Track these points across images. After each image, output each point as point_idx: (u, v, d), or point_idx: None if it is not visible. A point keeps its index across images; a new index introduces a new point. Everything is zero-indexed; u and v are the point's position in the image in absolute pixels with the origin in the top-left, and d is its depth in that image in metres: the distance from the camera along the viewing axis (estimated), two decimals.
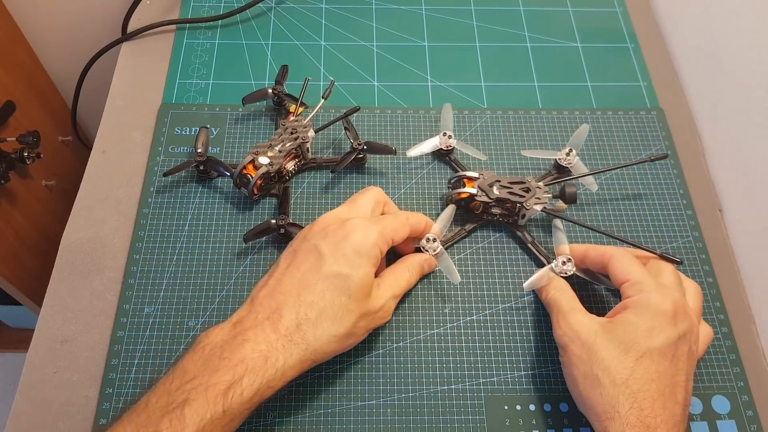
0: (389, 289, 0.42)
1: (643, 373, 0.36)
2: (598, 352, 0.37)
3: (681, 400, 0.36)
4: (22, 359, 0.43)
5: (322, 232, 0.40)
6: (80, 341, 0.44)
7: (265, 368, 0.35)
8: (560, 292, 0.43)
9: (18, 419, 0.41)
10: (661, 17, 0.65)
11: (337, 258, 0.39)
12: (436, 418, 0.42)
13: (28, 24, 0.77)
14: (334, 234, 0.40)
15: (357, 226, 0.40)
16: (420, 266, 0.45)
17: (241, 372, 0.34)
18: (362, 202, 0.43)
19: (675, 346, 0.37)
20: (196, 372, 0.34)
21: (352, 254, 0.39)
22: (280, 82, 0.55)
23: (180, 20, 0.62)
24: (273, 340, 0.36)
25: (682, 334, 0.38)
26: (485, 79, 0.60)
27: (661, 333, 0.37)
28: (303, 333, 0.36)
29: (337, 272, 0.38)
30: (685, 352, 0.38)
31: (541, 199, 0.47)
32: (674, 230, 0.51)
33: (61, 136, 0.88)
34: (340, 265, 0.38)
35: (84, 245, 0.48)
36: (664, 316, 0.38)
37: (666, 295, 0.39)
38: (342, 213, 0.42)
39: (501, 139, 0.55)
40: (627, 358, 0.36)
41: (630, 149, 0.55)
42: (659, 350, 0.37)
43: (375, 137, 0.55)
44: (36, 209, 0.82)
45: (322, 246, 0.39)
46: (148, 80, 0.58)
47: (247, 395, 0.34)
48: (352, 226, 0.40)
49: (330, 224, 0.41)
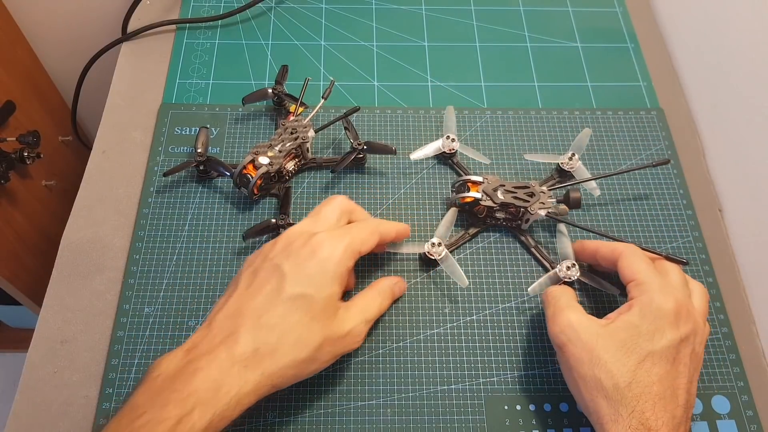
0: (360, 313, 0.40)
1: (645, 376, 0.36)
2: (600, 354, 0.37)
3: (682, 402, 0.36)
4: (22, 359, 0.43)
5: (285, 250, 0.39)
6: (80, 341, 0.44)
7: (217, 399, 0.33)
8: (559, 288, 0.43)
9: (18, 419, 0.41)
10: (661, 17, 0.65)
11: (300, 279, 0.37)
12: (436, 418, 0.42)
13: (28, 24, 0.77)
14: (298, 253, 0.38)
15: (322, 243, 0.38)
16: (390, 290, 0.44)
17: (191, 405, 0.32)
18: (327, 213, 0.42)
19: (677, 348, 0.37)
20: (146, 407, 0.32)
21: (317, 274, 0.38)
22: (280, 82, 0.55)
23: (180, 20, 0.62)
24: (227, 367, 0.34)
25: (685, 336, 0.37)
26: (485, 79, 0.60)
27: (663, 335, 0.37)
28: (260, 359, 0.35)
29: (300, 293, 0.37)
30: (687, 354, 0.37)
31: (546, 204, 0.47)
32: (674, 230, 0.51)
33: (61, 136, 0.88)
34: (304, 286, 0.37)
35: (84, 245, 0.48)
36: (667, 318, 0.37)
37: (669, 295, 0.38)
38: (306, 227, 0.41)
39: (501, 140, 0.55)
40: (629, 361, 0.36)
41: (630, 149, 0.55)
42: (661, 353, 0.36)
43: (375, 137, 0.55)
44: (36, 209, 0.82)
45: (284, 266, 0.38)
46: (148, 80, 0.58)
47: (198, 428, 0.32)
48: (318, 243, 0.38)
49: (294, 241, 0.39)
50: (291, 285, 0.37)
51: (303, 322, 0.36)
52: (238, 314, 0.36)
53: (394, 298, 0.45)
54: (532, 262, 0.49)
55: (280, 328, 0.36)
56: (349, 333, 0.39)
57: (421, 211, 0.51)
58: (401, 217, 0.50)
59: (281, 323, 0.36)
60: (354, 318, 0.40)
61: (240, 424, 0.41)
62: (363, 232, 0.41)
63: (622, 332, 0.37)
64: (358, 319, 0.40)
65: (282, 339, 0.36)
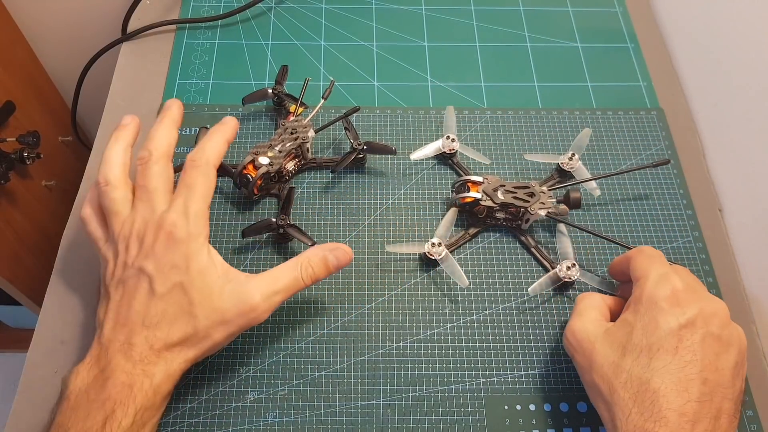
0: (256, 286, 0.38)
1: (641, 372, 0.34)
2: (596, 359, 0.37)
3: (695, 395, 0.33)
4: (22, 359, 0.43)
5: (141, 252, 0.38)
6: (80, 341, 0.44)
7: (132, 396, 0.35)
8: (583, 295, 0.42)
9: (18, 419, 0.41)
10: (661, 17, 0.65)
11: (166, 273, 0.37)
12: (436, 418, 0.42)
13: (28, 24, 0.77)
14: (153, 249, 0.38)
15: (172, 229, 0.38)
16: (321, 259, 0.40)
17: (110, 407, 0.34)
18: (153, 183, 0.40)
19: (678, 336, 0.35)
20: (69, 423, 0.34)
21: (180, 259, 0.37)
22: (280, 82, 0.55)
23: (180, 20, 0.62)
24: (130, 369, 0.35)
25: (687, 322, 0.35)
26: (485, 79, 0.60)
27: (658, 326, 0.35)
28: (157, 353, 0.36)
29: (171, 286, 0.37)
30: (696, 340, 0.34)
31: (546, 204, 0.47)
32: (674, 230, 0.51)
33: (61, 136, 0.88)
34: (172, 277, 0.37)
35: (84, 245, 0.48)
36: (661, 306, 0.36)
37: (665, 283, 0.37)
38: (146, 214, 0.39)
39: (501, 140, 0.55)
40: (625, 361, 0.35)
41: (630, 149, 0.55)
42: (659, 344, 0.35)
43: (375, 137, 0.55)
44: (36, 209, 0.82)
45: (147, 267, 0.37)
46: (148, 80, 0.58)
47: (126, 424, 0.34)
48: (168, 231, 0.38)
49: (144, 236, 0.38)
50: (160, 283, 0.37)
51: (184, 309, 0.37)
52: (122, 324, 0.37)
53: (332, 269, 0.41)
54: (532, 262, 0.49)
55: (165, 321, 0.37)
56: (243, 303, 0.38)
57: (421, 211, 0.51)
58: (401, 217, 0.50)
59: (165, 318, 0.37)
60: (251, 289, 0.38)
61: (240, 424, 0.41)
62: (198, 177, 0.40)
63: (619, 332, 0.37)
64: (256, 291, 0.38)
65: (171, 330, 0.37)
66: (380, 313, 0.46)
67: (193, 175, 0.40)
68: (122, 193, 0.40)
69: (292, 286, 0.39)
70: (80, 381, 0.36)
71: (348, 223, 0.50)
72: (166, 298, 0.37)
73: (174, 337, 0.37)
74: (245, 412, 0.42)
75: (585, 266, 0.48)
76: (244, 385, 0.43)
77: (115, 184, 0.40)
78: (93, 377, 0.36)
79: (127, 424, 0.34)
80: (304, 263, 0.40)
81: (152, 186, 0.40)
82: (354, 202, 0.51)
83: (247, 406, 0.42)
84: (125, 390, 0.35)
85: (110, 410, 0.34)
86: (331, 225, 0.50)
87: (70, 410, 0.35)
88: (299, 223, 0.49)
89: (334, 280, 0.47)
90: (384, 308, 0.46)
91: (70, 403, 0.35)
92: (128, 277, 0.38)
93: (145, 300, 0.37)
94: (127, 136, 0.43)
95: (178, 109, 0.44)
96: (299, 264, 0.40)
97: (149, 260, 0.37)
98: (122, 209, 0.40)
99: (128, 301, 0.37)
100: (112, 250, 0.40)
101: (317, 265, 0.40)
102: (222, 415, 0.41)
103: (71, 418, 0.34)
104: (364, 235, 0.49)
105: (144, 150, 0.41)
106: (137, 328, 0.37)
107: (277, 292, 0.39)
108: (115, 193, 0.40)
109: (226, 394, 0.42)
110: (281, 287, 0.39)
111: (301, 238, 0.46)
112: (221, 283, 0.38)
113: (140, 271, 0.38)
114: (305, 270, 0.40)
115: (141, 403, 0.35)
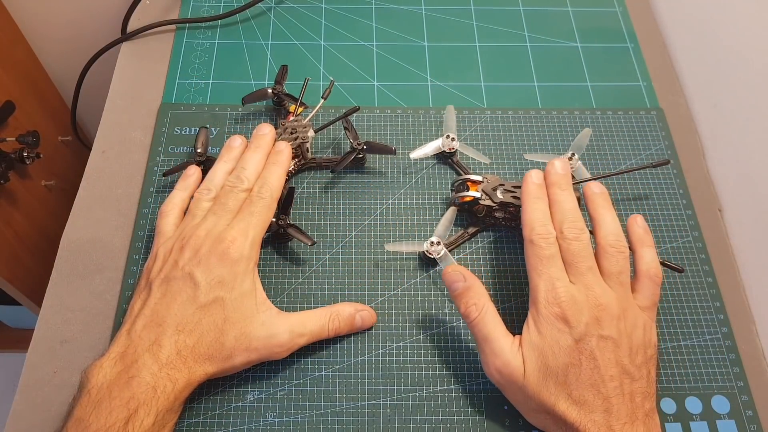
0: (293, 325, 0.41)
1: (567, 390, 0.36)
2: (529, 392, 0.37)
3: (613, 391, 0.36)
4: (22, 359, 0.43)
5: (195, 257, 0.40)
6: (80, 341, 0.44)
7: (155, 398, 0.35)
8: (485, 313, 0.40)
9: (18, 419, 0.41)
10: (661, 17, 0.65)
11: (212, 285, 0.39)
12: (436, 418, 0.42)
13: (28, 24, 0.77)
14: (208, 259, 0.39)
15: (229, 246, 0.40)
16: (348, 317, 0.43)
17: (134, 406, 0.35)
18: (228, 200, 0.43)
19: (577, 350, 0.37)
20: (90, 419, 0.34)
21: (228, 277, 0.39)
22: (280, 82, 0.54)
23: (180, 20, 0.62)
24: (156, 371, 0.36)
25: (579, 337, 0.37)
26: (485, 79, 0.60)
27: (560, 346, 0.37)
28: (183, 359, 0.37)
29: (212, 299, 0.39)
30: (593, 347, 0.36)
31: None
32: (674, 230, 0.51)
33: (60, 136, 0.88)
34: (216, 291, 0.39)
35: (84, 245, 0.48)
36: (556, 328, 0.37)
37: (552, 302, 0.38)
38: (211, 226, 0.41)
39: (501, 139, 0.55)
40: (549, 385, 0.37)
41: (630, 149, 0.55)
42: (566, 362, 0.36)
43: (375, 137, 0.55)
44: (36, 209, 0.82)
45: (196, 274, 0.39)
46: (148, 80, 0.58)
47: (147, 423, 0.35)
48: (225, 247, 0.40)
49: (201, 246, 0.40)
50: (204, 293, 0.38)
51: (217, 325, 0.38)
52: (157, 324, 0.38)
53: (355, 328, 0.44)
54: None
55: (198, 331, 0.38)
56: (271, 338, 0.40)
57: (421, 211, 0.51)
58: (401, 216, 0.50)
59: (198, 327, 0.38)
60: (281, 325, 0.40)
61: (240, 424, 0.41)
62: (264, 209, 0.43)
63: (537, 359, 0.37)
64: (285, 328, 0.40)
65: (200, 341, 0.38)
66: (380, 313, 0.46)
67: (260, 205, 0.43)
68: (209, 205, 0.44)
69: (317, 333, 0.42)
70: (102, 376, 0.36)
71: (348, 222, 0.50)
72: (204, 309, 0.38)
73: (201, 349, 0.38)
74: (245, 412, 0.42)
75: None
76: (244, 385, 0.43)
77: (211, 197, 0.44)
78: (116, 374, 0.36)
79: (149, 424, 0.35)
80: (333, 316, 0.43)
81: (230, 206, 0.43)
82: (354, 201, 0.51)
83: (247, 406, 0.42)
84: (150, 391, 0.35)
85: (134, 409, 0.34)
86: (331, 225, 0.50)
87: (91, 405, 0.35)
88: (299, 223, 0.49)
89: (334, 280, 0.47)
90: (384, 308, 0.46)
91: (91, 398, 0.35)
92: (175, 277, 0.39)
93: (185, 305, 0.38)
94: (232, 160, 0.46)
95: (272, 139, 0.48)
96: (329, 315, 0.42)
97: (200, 268, 0.39)
98: (200, 215, 0.43)
99: (168, 302, 0.38)
100: (169, 246, 0.41)
101: (344, 322, 0.43)
102: (222, 415, 0.41)
103: (92, 414, 0.34)
104: (364, 235, 0.49)
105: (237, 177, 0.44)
106: (169, 331, 0.37)
107: (302, 335, 0.41)
108: (206, 203, 0.44)
109: (226, 394, 0.42)
110: (307, 332, 0.41)
111: (301, 238, 0.46)
112: (256, 310, 0.40)
113: (189, 275, 0.39)
114: (332, 323, 0.42)
115: (163, 405, 0.36)
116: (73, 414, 0.35)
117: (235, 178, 0.44)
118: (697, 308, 0.47)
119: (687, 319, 0.47)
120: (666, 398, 0.43)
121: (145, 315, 0.38)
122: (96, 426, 0.34)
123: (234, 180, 0.44)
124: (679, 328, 0.46)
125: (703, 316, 0.47)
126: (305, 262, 0.48)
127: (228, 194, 0.43)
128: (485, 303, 0.40)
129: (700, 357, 0.45)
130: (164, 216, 0.44)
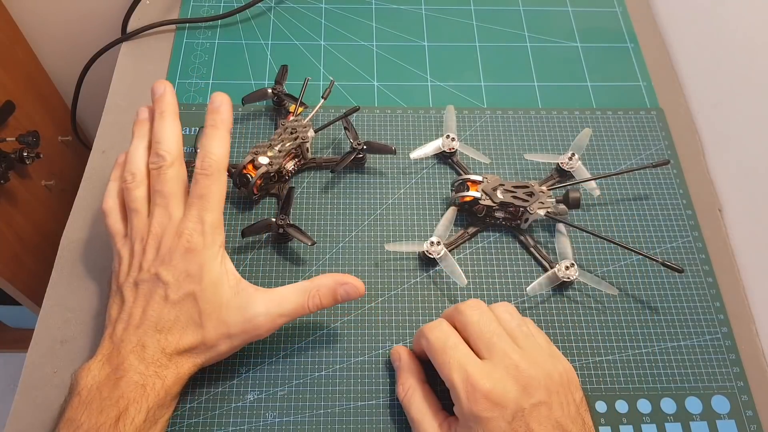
0: (271, 304, 0.39)
1: None
2: None
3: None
4: (22, 359, 0.43)
5: (158, 257, 0.39)
6: (80, 341, 0.44)
7: (145, 395, 0.36)
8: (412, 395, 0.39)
9: (18, 419, 0.41)
10: (661, 17, 0.65)
11: (181, 282, 0.38)
12: None
13: (28, 24, 0.77)
14: (171, 256, 0.38)
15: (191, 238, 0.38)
16: (331, 290, 0.40)
17: (124, 405, 0.35)
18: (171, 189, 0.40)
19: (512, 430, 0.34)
20: (81, 419, 0.34)
21: (196, 269, 0.38)
22: (280, 82, 0.55)
23: (180, 20, 0.62)
24: (143, 370, 0.36)
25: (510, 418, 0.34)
26: (485, 79, 0.60)
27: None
28: (169, 356, 0.37)
29: (184, 294, 0.38)
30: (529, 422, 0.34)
31: (545, 204, 0.47)
32: (674, 230, 0.51)
33: (60, 136, 0.88)
34: (186, 286, 0.38)
35: (84, 245, 0.48)
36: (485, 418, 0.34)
37: (473, 395, 0.35)
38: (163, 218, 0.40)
39: (501, 139, 0.55)
40: None
41: (630, 149, 0.55)
42: None
43: (375, 137, 0.55)
44: (36, 209, 0.82)
45: (163, 274, 0.38)
46: (148, 80, 0.58)
47: (139, 420, 0.35)
48: (187, 240, 0.38)
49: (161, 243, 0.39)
50: (174, 290, 0.38)
51: (194, 318, 0.38)
52: (135, 326, 0.38)
53: (339, 301, 0.41)
54: (532, 262, 0.49)
55: (177, 328, 0.38)
56: (248, 322, 0.39)
57: (421, 211, 0.51)
58: (401, 216, 0.50)
59: (176, 324, 0.38)
60: (258, 307, 0.39)
61: (240, 424, 0.41)
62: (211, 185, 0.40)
63: None
64: (262, 310, 0.39)
65: (182, 337, 0.38)
66: (380, 313, 0.46)
67: (205, 184, 0.40)
68: (144, 192, 0.41)
69: (296, 311, 0.40)
70: (92, 378, 0.36)
71: (348, 222, 0.50)
72: (178, 306, 0.38)
73: (184, 344, 0.38)
74: (245, 412, 0.42)
75: (584, 266, 0.48)
76: (244, 385, 0.43)
77: (140, 182, 0.41)
78: (105, 375, 0.36)
79: (140, 420, 0.35)
80: (313, 292, 0.40)
81: (168, 191, 0.40)
82: (354, 201, 0.51)
83: (247, 406, 0.42)
84: (138, 389, 0.35)
85: (124, 407, 0.35)
86: (331, 225, 0.50)
87: (82, 406, 0.35)
88: (299, 223, 0.49)
89: None
90: (384, 308, 0.46)
91: (81, 399, 0.35)
92: (143, 280, 0.39)
93: (159, 305, 0.38)
94: (145, 134, 0.44)
95: (172, 96, 0.44)
96: (308, 291, 0.40)
97: (165, 268, 0.38)
98: (143, 208, 0.41)
99: (142, 305, 0.38)
100: (129, 248, 0.40)
101: (325, 296, 0.40)
102: (222, 415, 0.41)
103: (83, 414, 0.34)
104: (364, 235, 0.49)
105: (157, 155, 0.41)
106: (150, 332, 0.37)
107: (281, 314, 0.40)
108: (138, 191, 0.41)
109: (226, 394, 0.42)
110: (286, 311, 0.40)
111: (300, 238, 0.46)
112: (230, 295, 0.39)
113: (156, 277, 0.38)
114: (312, 299, 0.40)
115: (153, 401, 0.36)
116: (64, 415, 0.35)
117: (155, 158, 0.41)
118: (697, 308, 0.47)
119: (687, 319, 0.47)
120: (666, 398, 0.43)
121: (123, 319, 0.38)
122: (87, 425, 0.34)
123: (155, 160, 0.41)
124: (679, 328, 0.46)
125: (703, 316, 0.47)
126: (305, 262, 0.48)
127: (157, 180, 0.41)
128: (411, 384, 0.40)
129: (700, 357, 0.45)
130: (108, 215, 0.42)
